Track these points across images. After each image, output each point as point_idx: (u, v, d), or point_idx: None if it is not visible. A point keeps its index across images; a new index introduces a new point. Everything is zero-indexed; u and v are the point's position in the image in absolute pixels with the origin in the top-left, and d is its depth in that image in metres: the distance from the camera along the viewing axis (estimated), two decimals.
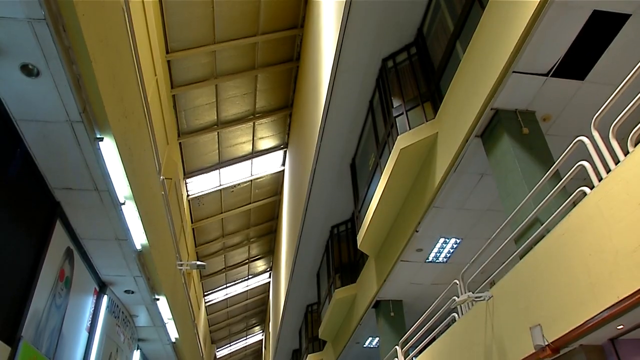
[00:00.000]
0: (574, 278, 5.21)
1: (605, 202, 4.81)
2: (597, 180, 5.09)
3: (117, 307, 8.87)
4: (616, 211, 4.63)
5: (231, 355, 43.65)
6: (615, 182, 4.68)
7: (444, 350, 8.83)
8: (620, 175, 4.60)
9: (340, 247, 16.44)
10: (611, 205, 4.71)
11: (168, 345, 11.17)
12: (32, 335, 5.76)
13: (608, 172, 4.85)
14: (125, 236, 6.89)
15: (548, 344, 5.55)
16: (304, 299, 21.12)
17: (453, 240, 10.59)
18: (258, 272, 32.68)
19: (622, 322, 4.99)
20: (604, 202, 4.83)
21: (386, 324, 13.21)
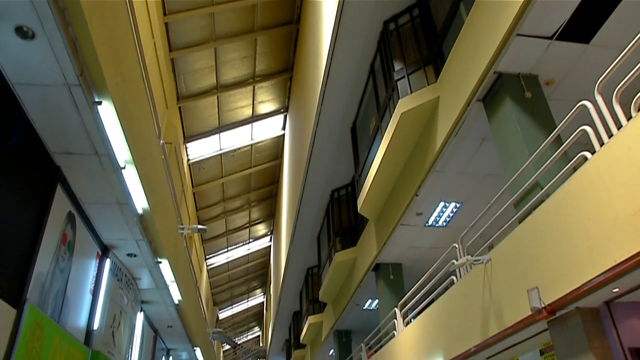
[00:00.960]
0: (572, 242, 5.25)
1: (606, 167, 4.80)
2: (599, 145, 5.07)
3: (120, 270, 8.99)
4: (617, 176, 4.63)
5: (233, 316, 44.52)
6: (616, 147, 4.66)
7: (442, 312, 8.99)
8: (622, 140, 4.58)
9: (341, 211, 16.53)
10: (612, 170, 4.70)
11: (171, 307, 11.36)
12: (37, 298, 5.85)
13: (610, 137, 4.83)
14: (126, 200, 6.92)
15: (544, 307, 5.64)
16: (305, 262, 21.39)
17: (453, 205, 10.63)
18: (259, 235, 32.99)
19: (618, 286, 5.06)
20: (604, 167, 4.82)
21: (385, 287, 13.41)
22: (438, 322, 9.14)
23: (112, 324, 8.76)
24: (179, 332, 13.37)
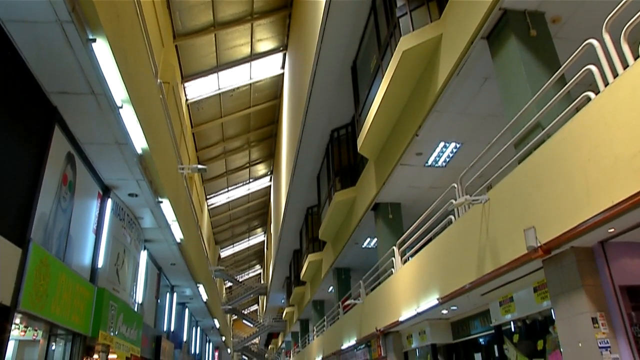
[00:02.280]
0: (571, 183, 5.27)
1: (609, 108, 4.74)
2: (603, 86, 4.98)
3: (122, 209, 9.08)
4: (619, 117, 4.58)
5: (234, 255, 45.51)
6: (621, 87, 4.58)
7: (439, 250, 9.17)
8: (628, 80, 4.49)
9: (341, 150, 16.52)
10: (615, 110, 4.65)
11: (174, 246, 11.57)
12: (41, 237, 5.94)
13: (615, 77, 4.73)
14: (125, 140, 6.88)
15: (540, 246, 5.74)
16: (305, 202, 21.61)
17: (453, 145, 10.60)
18: (259, 175, 33.16)
19: (613, 226, 5.13)
20: (608, 107, 4.76)
21: (384, 226, 13.62)
22: (435, 260, 9.34)
23: (116, 262, 8.95)
24: (182, 270, 13.69)
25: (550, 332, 6.87)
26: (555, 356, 6.62)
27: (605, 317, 5.59)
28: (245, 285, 41.76)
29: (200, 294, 16.59)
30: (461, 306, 9.47)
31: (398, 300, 11.31)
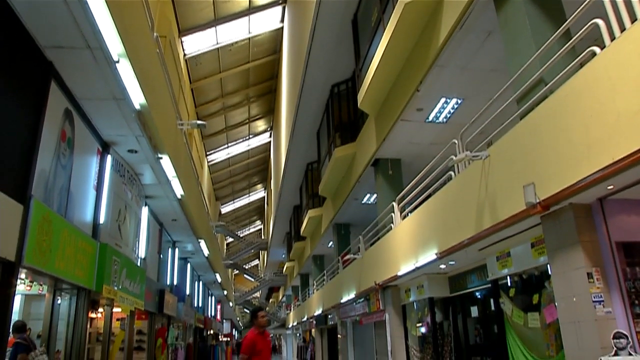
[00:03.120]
0: (572, 139, 5.25)
1: (614, 63, 4.66)
2: (610, 40, 4.88)
3: (122, 166, 9.08)
4: (624, 72, 4.51)
5: (235, 211, 45.88)
6: (628, 41, 4.49)
7: (438, 206, 9.23)
8: (635, 34, 4.40)
9: (341, 106, 16.39)
10: (620, 66, 4.57)
11: (174, 202, 11.63)
12: (42, 193, 5.96)
13: (623, 32, 4.63)
14: (122, 95, 6.80)
15: (539, 202, 5.78)
16: (305, 157, 21.60)
17: (454, 101, 10.49)
18: (258, 131, 33.02)
19: (613, 183, 5.14)
20: (613, 62, 4.68)
21: (384, 182, 13.66)
22: (434, 215, 9.42)
23: (118, 218, 9.02)
24: (184, 226, 13.81)
25: (546, 286, 7.00)
26: (550, 310, 6.77)
27: (600, 273, 5.68)
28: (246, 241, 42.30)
29: (201, 249, 16.80)
30: (459, 261, 9.62)
31: (397, 255, 11.47)
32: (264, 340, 6.57)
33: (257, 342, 6.40)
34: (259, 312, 6.64)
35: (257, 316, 6.58)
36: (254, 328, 6.60)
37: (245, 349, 6.41)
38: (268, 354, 6.64)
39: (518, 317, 7.69)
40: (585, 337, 5.69)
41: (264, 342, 6.52)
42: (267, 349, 6.62)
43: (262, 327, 6.63)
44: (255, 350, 6.35)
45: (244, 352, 6.44)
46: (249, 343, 6.43)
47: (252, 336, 6.51)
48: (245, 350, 6.41)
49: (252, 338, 6.48)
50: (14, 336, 6.58)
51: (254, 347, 6.37)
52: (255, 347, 6.35)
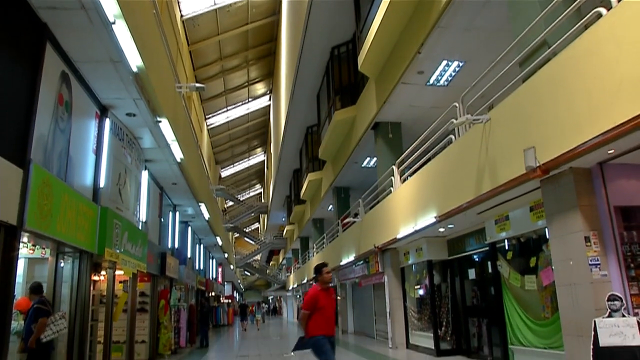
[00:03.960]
0: (574, 103, 5.20)
1: (620, 25, 4.57)
2: (617, 1, 4.77)
3: (121, 129, 9.02)
4: (631, 34, 4.43)
5: (235, 174, 45.92)
6: (635, 2, 4.39)
7: (437, 170, 9.24)
8: None
9: (341, 68, 16.18)
10: (626, 28, 4.49)
11: (174, 165, 11.61)
12: (41, 158, 5.94)
13: None
14: (119, 57, 6.69)
15: (539, 166, 5.77)
16: (304, 121, 21.48)
17: (456, 63, 10.35)
18: (258, 95, 32.71)
19: (613, 147, 5.12)
20: (619, 24, 4.59)
21: (384, 145, 13.63)
22: (433, 179, 9.44)
23: (118, 181, 9.02)
24: (184, 189, 13.82)
25: (543, 250, 7.08)
26: (547, 272, 6.86)
27: (598, 236, 5.73)
28: (246, 204, 42.50)
29: (202, 212, 16.88)
30: (458, 224, 9.69)
31: (396, 219, 11.55)
32: (328, 297, 6.15)
33: (320, 298, 6.00)
34: (323, 268, 6.21)
35: (322, 271, 6.16)
36: (317, 284, 6.20)
37: (307, 305, 6.05)
38: (332, 311, 6.19)
39: (515, 280, 7.81)
40: (580, 299, 5.78)
41: (327, 299, 6.10)
42: (331, 306, 6.19)
43: (326, 283, 6.21)
44: (318, 307, 5.97)
45: (306, 308, 6.07)
46: (311, 299, 6.04)
47: (314, 292, 6.10)
48: (307, 306, 6.05)
49: (314, 294, 6.07)
50: (31, 297, 6.70)
51: (316, 302, 5.99)
52: (318, 303, 5.98)
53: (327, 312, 6.04)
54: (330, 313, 6.11)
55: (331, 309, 6.16)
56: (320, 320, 5.98)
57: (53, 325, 6.38)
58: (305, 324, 6.05)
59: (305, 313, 6.05)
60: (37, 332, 6.19)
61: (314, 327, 5.99)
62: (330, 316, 6.09)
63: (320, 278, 6.15)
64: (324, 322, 5.99)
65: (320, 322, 5.97)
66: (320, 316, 5.98)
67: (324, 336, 5.94)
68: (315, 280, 6.26)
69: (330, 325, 6.08)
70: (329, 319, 6.07)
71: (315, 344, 5.97)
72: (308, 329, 6.03)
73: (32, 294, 6.66)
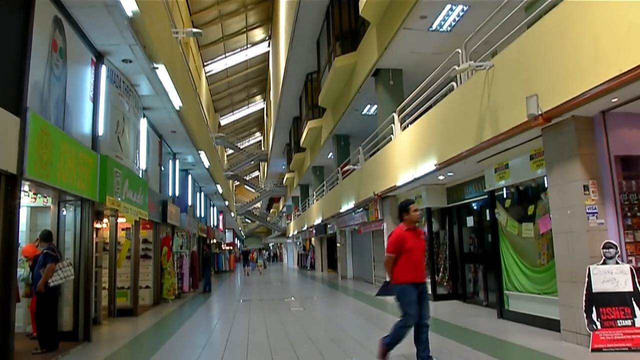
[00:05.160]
0: (580, 50, 5.10)
1: None
2: None
3: (118, 76, 8.89)
4: None
5: (234, 122, 45.64)
6: None
7: (438, 117, 9.17)
8: None
9: (342, 13, 15.77)
10: None
11: (173, 113, 11.51)
12: (38, 106, 5.87)
13: None
14: (113, 1, 6.47)
15: (541, 114, 5.72)
16: (304, 67, 21.12)
17: (460, 8, 10.06)
18: (257, 41, 32.02)
19: (617, 95, 5.06)
20: None
21: (385, 92, 13.47)
22: (434, 127, 9.38)
23: (117, 129, 8.96)
24: (183, 137, 13.76)
25: (542, 198, 7.12)
26: (544, 221, 6.93)
27: (596, 185, 5.76)
28: (246, 152, 42.49)
29: (202, 160, 16.88)
30: (457, 172, 9.71)
31: (396, 166, 11.57)
32: (416, 238, 5.43)
33: (406, 239, 5.31)
34: (410, 206, 5.47)
35: (409, 210, 5.43)
36: (402, 224, 5.50)
37: (392, 247, 5.38)
38: (420, 253, 5.47)
39: (512, 227, 7.90)
40: (576, 247, 5.87)
41: (415, 240, 5.39)
42: (419, 247, 5.45)
43: (414, 222, 5.48)
44: (404, 249, 5.29)
45: (391, 251, 5.39)
46: (396, 240, 5.37)
47: (400, 232, 5.41)
48: (392, 249, 5.37)
49: (400, 234, 5.38)
50: (41, 245, 6.88)
51: (401, 244, 5.30)
52: (404, 245, 5.29)
53: (414, 255, 5.34)
54: (419, 256, 5.43)
55: (420, 252, 5.45)
56: (407, 265, 5.30)
57: (61, 271, 6.66)
58: (390, 268, 5.43)
59: (390, 256, 5.40)
60: (45, 276, 6.46)
61: (399, 272, 5.34)
62: (418, 260, 5.40)
63: (407, 217, 5.44)
64: (411, 267, 5.30)
65: (407, 267, 5.31)
66: (407, 260, 5.30)
67: (412, 283, 5.27)
68: (400, 219, 5.55)
69: (418, 270, 5.38)
70: (417, 263, 5.37)
71: (400, 293, 5.33)
72: (393, 274, 5.41)
73: (42, 241, 6.85)
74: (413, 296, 5.21)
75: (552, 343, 6.03)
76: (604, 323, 5.52)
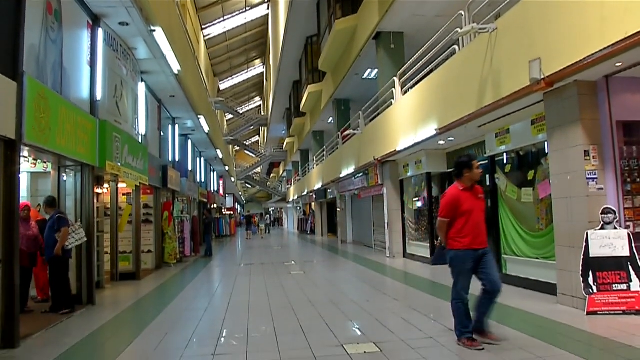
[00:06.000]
0: (586, 12, 5.00)
1: None
2: None
3: (115, 40, 8.75)
4: None
5: (234, 87, 45.20)
6: None
7: (440, 81, 9.07)
8: None
9: None
10: None
11: (171, 77, 11.39)
12: (35, 70, 5.80)
13: None
14: None
15: (544, 78, 5.65)
16: (304, 31, 20.78)
17: None
18: (256, 3, 31.38)
19: (622, 60, 4.99)
20: None
21: (386, 56, 13.30)
22: (435, 91, 9.29)
23: (115, 94, 8.87)
24: (182, 102, 13.64)
25: (542, 163, 7.11)
26: (544, 186, 6.94)
27: (597, 151, 5.74)
28: (245, 117, 42.23)
29: (201, 125, 16.79)
30: (458, 137, 9.67)
31: (396, 131, 11.52)
32: (474, 198, 4.68)
33: (462, 199, 4.60)
34: (473, 162, 4.69)
35: (472, 166, 4.65)
36: (458, 183, 4.74)
37: (445, 210, 4.68)
38: (480, 215, 4.69)
39: (512, 192, 7.92)
40: (575, 212, 5.90)
41: (473, 200, 4.65)
42: (479, 208, 4.70)
43: (473, 180, 4.72)
44: (460, 212, 4.58)
45: (444, 215, 4.70)
46: (450, 202, 4.65)
47: (454, 192, 4.68)
48: (446, 212, 4.67)
49: (454, 194, 4.67)
50: (47, 210, 6.93)
51: (457, 206, 4.61)
52: (460, 207, 4.59)
53: (474, 217, 4.61)
54: (479, 218, 4.66)
55: (480, 213, 4.69)
56: (464, 229, 4.59)
57: (75, 234, 6.87)
58: (445, 233, 4.74)
59: (444, 221, 4.72)
60: (61, 239, 6.64)
61: (455, 237, 4.66)
62: (478, 222, 4.64)
63: (469, 175, 4.67)
64: (469, 231, 4.59)
65: (464, 232, 4.59)
66: (465, 223, 4.59)
67: (469, 250, 4.58)
68: (458, 176, 4.75)
69: (479, 235, 4.62)
70: (476, 227, 4.62)
71: (453, 260, 4.68)
72: (448, 240, 4.73)
73: (48, 207, 6.92)
74: (467, 265, 4.56)
75: (548, 306, 6.13)
76: (600, 287, 5.59)
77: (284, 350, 4.68)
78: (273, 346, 4.85)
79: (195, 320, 6.29)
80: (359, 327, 5.58)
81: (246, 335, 5.38)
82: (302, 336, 5.21)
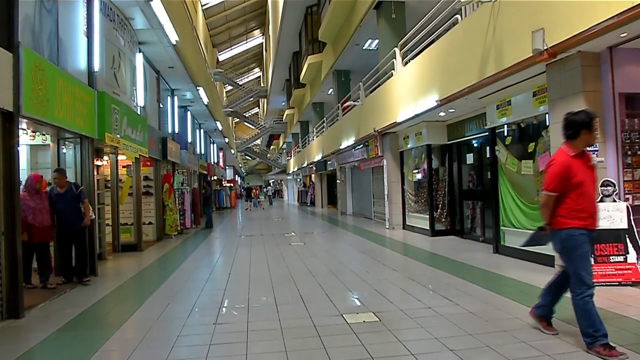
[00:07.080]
0: None
1: None
2: None
3: (111, 10, 8.61)
4: None
5: (233, 58, 44.69)
6: None
7: (441, 52, 8.96)
8: None
9: None
10: None
11: (169, 48, 11.26)
12: (30, 41, 5.72)
13: None
14: None
15: (547, 49, 5.58)
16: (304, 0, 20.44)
17: None
18: None
19: (627, 30, 4.92)
20: None
21: (386, 26, 13.12)
22: (437, 62, 9.19)
23: (113, 65, 8.78)
24: (181, 73, 13.51)
25: (543, 135, 7.09)
26: (545, 158, 6.92)
27: (599, 123, 5.70)
28: (245, 89, 41.88)
29: (200, 96, 16.67)
30: (459, 109, 9.62)
31: (397, 102, 11.45)
32: (585, 166, 3.75)
33: (574, 169, 3.66)
34: (594, 120, 3.74)
35: (591, 126, 3.70)
36: (568, 147, 3.77)
37: (555, 182, 3.70)
38: (593, 187, 3.79)
39: (512, 165, 7.91)
40: None
41: (585, 170, 3.72)
42: (592, 180, 3.77)
43: (588, 145, 3.80)
44: (572, 184, 3.65)
45: (552, 188, 3.71)
46: (562, 171, 3.68)
47: (566, 160, 3.70)
48: (555, 185, 3.70)
49: (566, 162, 3.69)
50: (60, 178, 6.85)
51: (569, 177, 3.66)
52: (573, 178, 3.65)
53: (588, 190, 3.70)
54: (591, 189, 3.76)
55: (592, 184, 3.79)
56: (577, 205, 3.67)
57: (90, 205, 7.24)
58: (550, 212, 3.79)
59: (551, 196, 3.75)
60: (88, 210, 7.03)
61: (567, 214, 3.71)
62: (592, 196, 3.78)
63: (585, 137, 3.70)
64: (584, 207, 3.68)
65: (578, 208, 3.67)
66: (578, 198, 3.67)
67: (584, 230, 3.67)
68: (572, 137, 3.74)
69: (593, 211, 3.75)
70: (592, 203, 3.74)
71: (568, 241, 3.70)
72: (556, 217, 3.76)
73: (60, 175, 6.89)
74: (586, 247, 3.67)
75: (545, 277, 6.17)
76: (597, 259, 5.64)
77: (284, 319, 4.75)
78: (274, 315, 4.92)
79: (196, 291, 6.36)
80: (358, 297, 5.65)
81: (247, 305, 5.45)
82: (302, 306, 5.28)
